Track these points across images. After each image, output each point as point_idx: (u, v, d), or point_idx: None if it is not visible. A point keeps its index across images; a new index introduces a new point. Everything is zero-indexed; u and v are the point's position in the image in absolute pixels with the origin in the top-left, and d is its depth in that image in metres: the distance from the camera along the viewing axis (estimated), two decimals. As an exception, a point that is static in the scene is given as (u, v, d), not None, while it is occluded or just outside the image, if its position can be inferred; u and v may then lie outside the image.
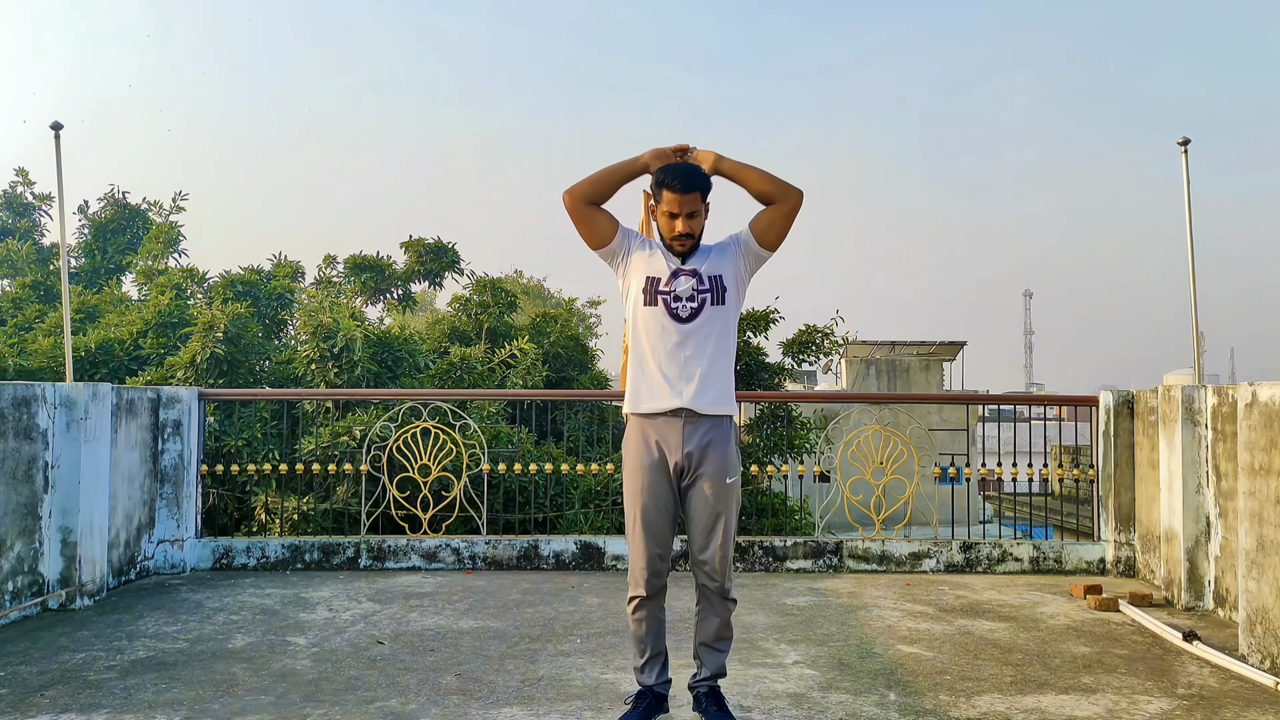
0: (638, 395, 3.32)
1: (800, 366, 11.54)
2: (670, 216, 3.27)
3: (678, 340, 3.25)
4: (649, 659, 3.38)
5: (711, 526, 3.28)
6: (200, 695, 3.68)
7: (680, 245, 3.28)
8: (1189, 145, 6.06)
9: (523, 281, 27.80)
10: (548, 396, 8.10)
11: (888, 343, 30.71)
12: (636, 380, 3.33)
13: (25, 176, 13.42)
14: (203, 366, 8.69)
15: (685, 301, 3.26)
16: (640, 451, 3.31)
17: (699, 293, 3.26)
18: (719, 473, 3.28)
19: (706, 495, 3.28)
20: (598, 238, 3.36)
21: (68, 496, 5.17)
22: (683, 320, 3.25)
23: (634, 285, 3.33)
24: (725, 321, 3.30)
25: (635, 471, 3.32)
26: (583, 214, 3.34)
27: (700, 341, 3.26)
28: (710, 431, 3.28)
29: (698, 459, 3.27)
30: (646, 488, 3.29)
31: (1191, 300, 6.11)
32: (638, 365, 3.32)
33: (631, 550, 3.34)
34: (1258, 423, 4.23)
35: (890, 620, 4.95)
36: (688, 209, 3.24)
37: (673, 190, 3.24)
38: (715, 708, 3.37)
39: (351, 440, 7.33)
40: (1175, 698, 3.72)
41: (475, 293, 11.72)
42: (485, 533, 6.49)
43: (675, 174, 3.25)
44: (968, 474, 6.91)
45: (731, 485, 3.31)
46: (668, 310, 3.26)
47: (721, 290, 3.29)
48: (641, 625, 3.35)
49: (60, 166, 5.88)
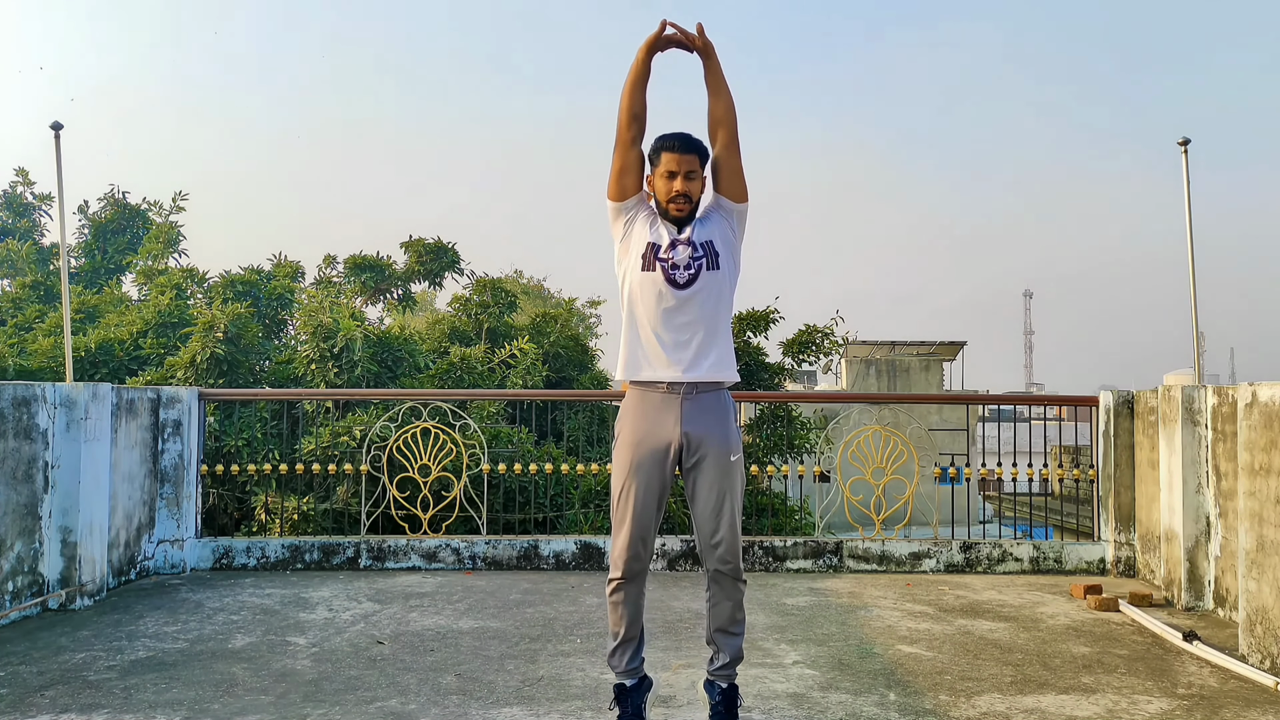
0: (634, 362, 3.30)
1: (800, 366, 11.54)
2: (669, 176, 3.29)
3: (674, 305, 3.26)
4: (621, 642, 3.31)
5: (719, 508, 3.24)
6: (200, 695, 3.68)
7: (677, 208, 3.30)
8: (1189, 145, 6.06)
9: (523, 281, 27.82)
10: (548, 396, 8.09)
11: (888, 343, 30.71)
12: (633, 346, 3.31)
13: (25, 176, 13.44)
14: (203, 366, 8.69)
15: (682, 269, 3.27)
16: (638, 427, 3.27)
17: (694, 260, 3.28)
18: (722, 452, 3.25)
19: (711, 476, 3.24)
20: (623, 188, 3.35)
21: (68, 496, 5.17)
22: (680, 286, 3.26)
23: (634, 249, 3.34)
24: (720, 286, 3.31)
25: (628, 448, 3.28)
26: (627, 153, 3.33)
27: (697, 307, 3.26)
28: (710, 407, 3.27)
29: (697, 439, 3.23)
30: (638, 466, 3.24)
31: (1191, 300, 6.11)
32: (633, 331, 3.32)
33: (615, 530, 3.29)
34: (1258, 423, 4.23)
35: (890, 620, 4.95)
36: (686, 168, 3.27)
37: (671, 150, 3.28)
38: (726, 712, 3.30)
39: (351, 440, 7.33)
40: (1175, 698, 3.72)
41: (475, 293, 11.72)
42: (485, 533, 6.49)
43: (674, 136, 3.30)
44: (968, 474, 6.91)
45: (735, 463, 3.28)
46: (665, 276, 3.26)
47: (715, 255, 3.31)
48: (618, 609, 3.29)
49: (60, 166, 5.88)
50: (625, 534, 3.24)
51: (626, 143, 3.31)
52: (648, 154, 3.37)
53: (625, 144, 3.32)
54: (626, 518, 3.24)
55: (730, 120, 3.32)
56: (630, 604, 3.28)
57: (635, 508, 3.23)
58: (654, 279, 3.27)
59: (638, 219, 3.37)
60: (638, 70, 3.31)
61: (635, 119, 3.31)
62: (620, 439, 3.32)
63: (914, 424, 6.67)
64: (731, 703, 3.32)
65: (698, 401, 3.25)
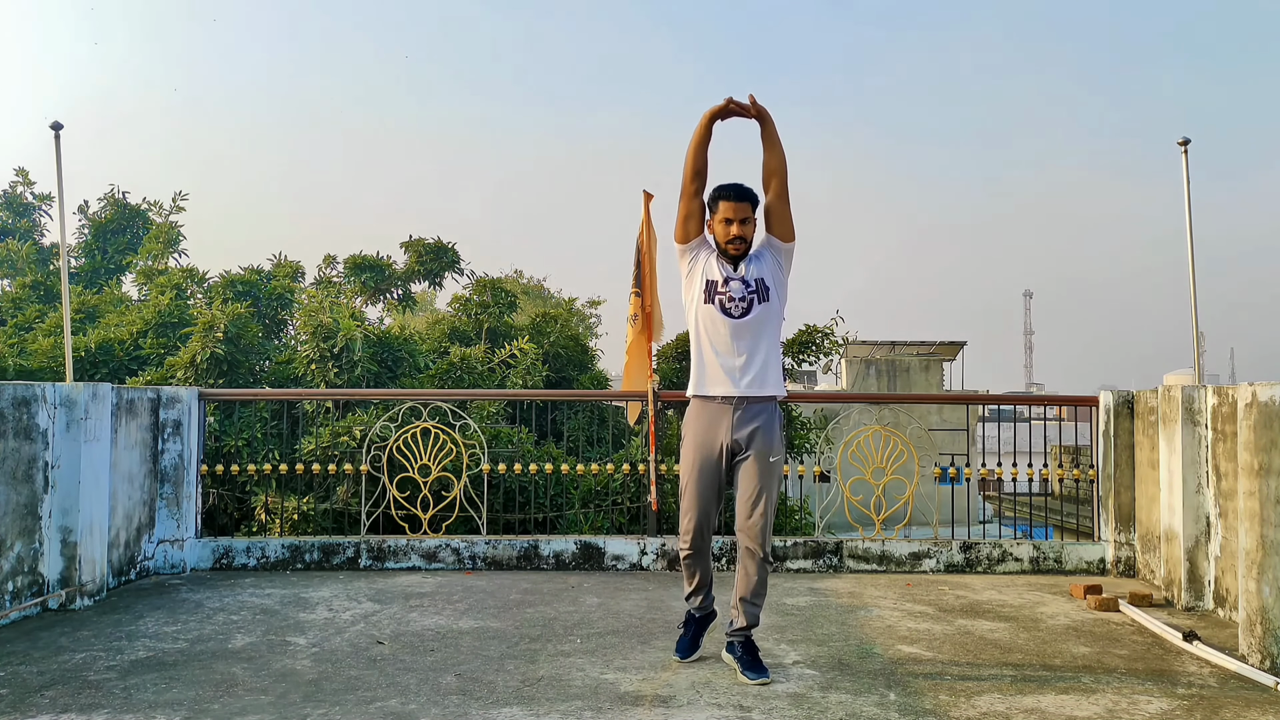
0: (700, 380, 3.95)
1: (800, 366, 11.54)
2: (726, 223, 3.87)
3: (731, 333, 3.87)
4: (695, 588, 4.10)
5: (755, 499, 3.86)
6: (200, 695, 3.68)
7: (734, 249, 3.88)
8: (1189, 145, 6.06)
9: (523, 281, 27.81)
10: (548, 396, 8.09)
11: (888, 343, 30.72)
12: (699, 367, 3.96)
13: (25, 176, 13.42)
14: (203, 366, 8.68)
15: (738, 301, 3.86)
16: (698, 432, 3.93)
17: (748, 293, 3.87)
18: (763, 453, 3.88)
19: (752, 473, 3.87)
20: (687, 232, 3.95)
21: (68, 496, 5.17)
22: (735, 317, 3.87)
23: (697, 285, 3.93)
24: (770, 316, 3.91)
25: (692, 449, 3.95)
26: (691, 202, 3.92)
27: (751, 335, 3.87)
28: (758, 416, 3.88)
29: (745, 442, 3.87)
30: (699, 463, 3.92)
31: (1191, 300, 6.11)
32: (698, 355, 3.96)
33: (682, 513, 4.02)
34: (1258, 423, 4.23)
35: (890, 620, 4.95)
36: (740, 215, 3.86)
37: (728, 199, 3.87)
38: (749, 656, 3.90)
39: (351, 440, 7.32)
40: (1175, 698, 3.72)
41: (475, 293, 11.70)
42: (485, 533, 6.49)
43: (730, 187, 3.90)
44: (968, 474, 6.90)
45: (774, 464, 3.90)
46: (722, 309, 3.87)
47: (765, 290, 3.89)
48: (690, 569, 4.08)
49: (60, 166, 5.88)
50: (690, 518, 3.97)
51: (690, 194, 3.92)
52: (707, 201, 3.95)
53: (689, 195, 3.92)
54: (692, 505, 3.95)
55: (782, 172, 3.90)
56: (699, 567, 4.06)
57: (698, 497, 3.94)
58: (714, 312, 3.88)
59: (700, 258, 3.96)
60: (701, 134, 3.90)
61: (698, 175, 3.91)
62: (686, 441, 4.01)
63: (914, 424, 6.67)
64: (751, 649, 3.94)
65: (747, 410, 3.89)
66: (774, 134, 3.92)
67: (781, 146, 3.92)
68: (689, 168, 3.91)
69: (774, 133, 3.92)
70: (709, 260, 3.93)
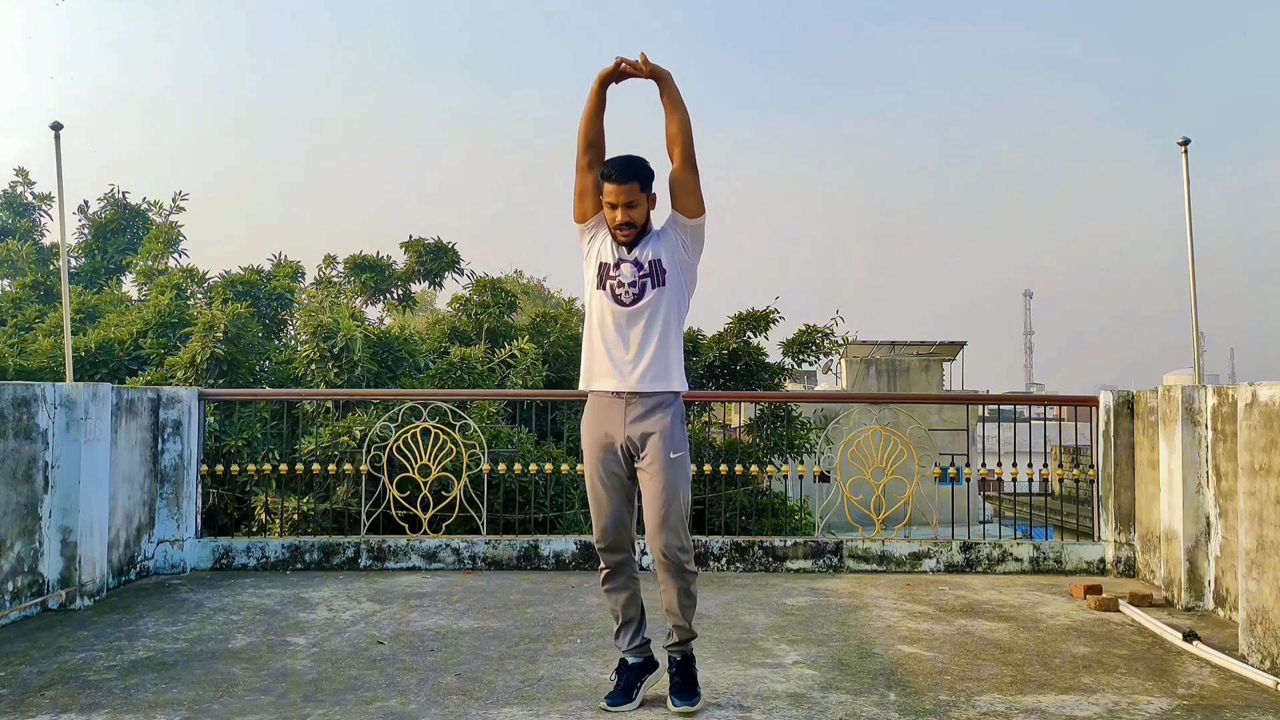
0: (589, 373, 3.60)
1: (800, 366, 11.55)
2: (611, 207, 3.47)
3: (620, 322, 3.50)
4: (621, 625, 3.66)
5: (661, 503, 3.48)
6: (200, 695, 3.68)
7: (623, 235, 3.48)
8: (1189, 145, 6.06)
9: (523, 281, 27.84)
10: (548, 396, 8.10)
11: (888, 343, 30.72)
12: (588, 358, 3.60)
13: (25, 176, 13.43)
14: (203, 366, 8.69)
15: (628, 287, 3.49)
16: (591, 429, 3.60)
17: (639, 277, 3.49)
18: (662, 452, 3.49)
19: (653, 474, 3.49)
20: (583, 210, 3.58)
21: (68, 496, 5.17)
22: (624, 304, 3.49)
23: (590, 268, 3.58)
24: (667, 302, 3.51)
25: (587, 450, 3.63)
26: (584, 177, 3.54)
27: (643, 323, 3.49)
28: (653, 413, 3.50)
29: (640, 441, 3.50)
30: (598, 463, 3.58)
31: (1191, 300, 6.11)
32: (589, 344, 3.59)
33: (593, 521, 3.63)
34: (1258, 423, 4.23)
35: (890, 620, 4.95)
36: (625, 199, 3.43)
37: (610, 180, 3.44)
38: (679, 678, 3.56)
39: (351, 440, 7.33)
40: (1175, 698, 3.72)
41: (475, 293, 11.70)
42: (485, 533, 6.49)
43: (613, 165, 3.46)
44: (968, 474, 6.91)
45: (677, 460, 3.51)
46: (611, 295, 3.50)
47: (661, 273, 3.50)
48: (610, 596, 3.66)
49: (60, 166, 5.88)
50: (596, 525, 3.61)
51: (583, 168, 3.54)
52: None
53: (582, 169, 3.54)
54: (597, 508, 3.60)
55: (684, 138, 3.48)
56: (621, 589, 3.64)
57: (604, 500, 3.58)
58: (604, 297, 3.52)
59: (598, 238, 3.58)
60: (593, 102, 3.53)
61: (591, 146, 3.53)
62: (583, 440, 3.66)
63: (914, 424, 6.67)
64: (684, 669, 3.58)
65: (638, 406, 3.50)
66: (675, 95, 3.49)
67: (685, 109, 3.49)
68: (581, 139, 3.53)
69: (675, 94, 3.49)
70: (605, 241, 3.55)
